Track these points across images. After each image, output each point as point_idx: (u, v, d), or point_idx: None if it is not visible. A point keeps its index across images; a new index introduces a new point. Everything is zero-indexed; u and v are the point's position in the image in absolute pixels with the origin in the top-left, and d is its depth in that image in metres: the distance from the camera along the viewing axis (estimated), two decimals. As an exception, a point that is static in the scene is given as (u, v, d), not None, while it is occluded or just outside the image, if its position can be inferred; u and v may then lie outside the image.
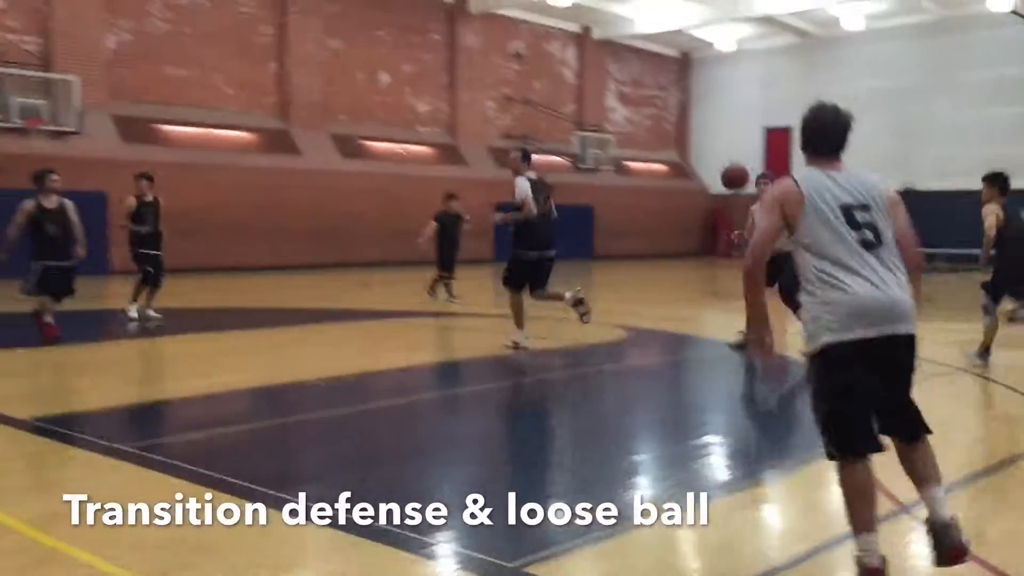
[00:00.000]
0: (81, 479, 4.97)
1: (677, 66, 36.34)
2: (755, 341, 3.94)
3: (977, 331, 9.21)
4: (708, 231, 35.14)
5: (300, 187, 23.29)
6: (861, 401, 3.52)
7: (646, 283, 21.77)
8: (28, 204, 10.00)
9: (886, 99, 31.13)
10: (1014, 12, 26.22)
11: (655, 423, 6.87)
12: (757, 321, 3.87)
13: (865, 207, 3.60)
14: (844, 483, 3.52)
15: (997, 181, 9.25)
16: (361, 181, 24.56)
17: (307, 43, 24.46)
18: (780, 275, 8.75)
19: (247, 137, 23.34)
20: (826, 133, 3.75)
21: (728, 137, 35.16)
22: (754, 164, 33.73)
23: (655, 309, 14.42)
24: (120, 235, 18.78)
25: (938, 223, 29.37)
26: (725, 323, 13.49)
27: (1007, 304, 11.29)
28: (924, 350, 3.96)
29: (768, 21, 30.43)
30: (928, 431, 3.66)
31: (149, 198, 12.08)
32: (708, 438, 6.32)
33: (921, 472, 3.62)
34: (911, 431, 3.64)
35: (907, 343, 3.63)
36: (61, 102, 19.25)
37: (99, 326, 12.54)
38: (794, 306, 7.84)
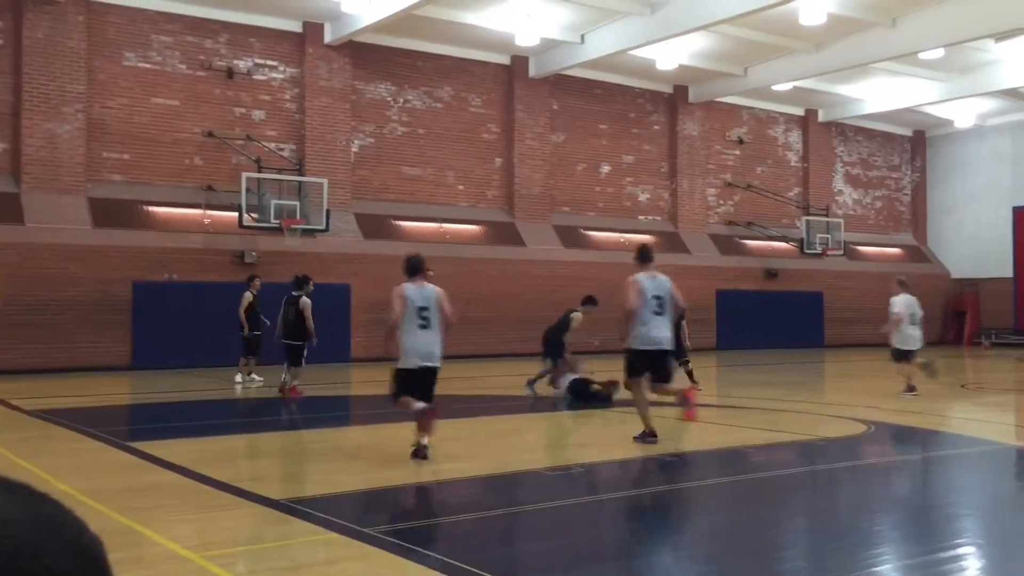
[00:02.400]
0: (334, 562, 5.23)
1: (910, 145, 34.70)
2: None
3: None
4: (950, 318, 32.78)
5: (524, 276, 23.96)
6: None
7: (883, 373, 20.50)
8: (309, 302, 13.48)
9: None
10: None
11: (899, 528, 6.38)
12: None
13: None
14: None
15: None
16: (582, 270, 24.95)
17: (531, 139, 25.42)
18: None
19: (475, 230, 24.37)
20: (414, 266, 8.40)
21: (972, 217, 32.99)
22: (1003, 244, 31.54)
23: (895, 401, 13.51)
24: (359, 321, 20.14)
25: None
26: (978, 418, 12.46)
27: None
28: None
29: (1013, 94, 28.54)
30: None
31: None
32: (962, 547, 5.78)
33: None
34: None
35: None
36: (311, 203, 20.96)
37: (336, 410, 13.28)
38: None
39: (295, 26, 22.04)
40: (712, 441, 10.51)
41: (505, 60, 25.03)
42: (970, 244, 32.86)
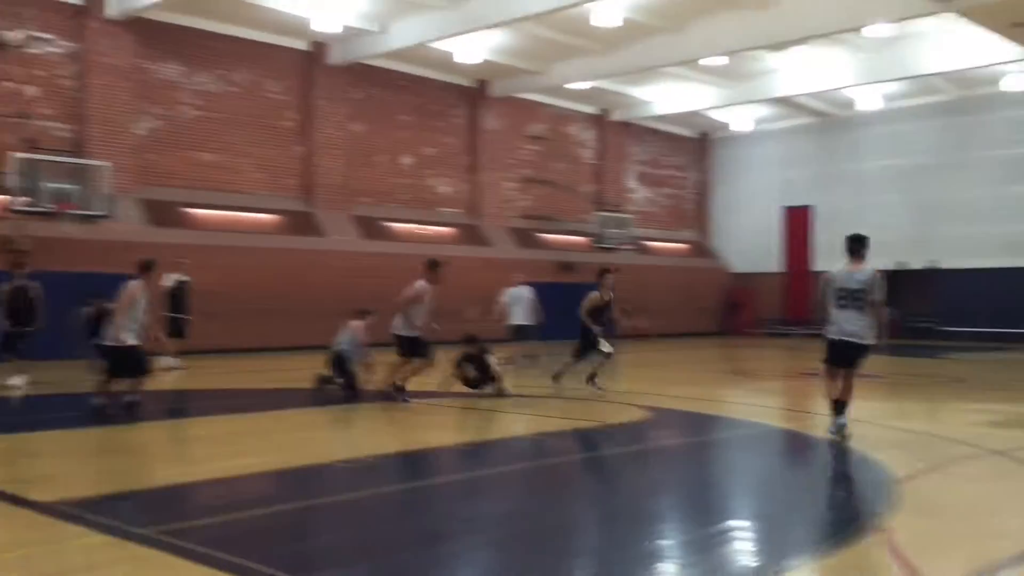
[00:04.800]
0: (102, 566, 4.94)
1: (696, 146, 36.75)
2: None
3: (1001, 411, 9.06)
4: (729, 310, 35.05)
5: (322, 268, 23.52)
6: None
7: (668, 362, 21.66)
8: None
9: (904, 177, 31.33)
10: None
11: (681, 506, 6.77)
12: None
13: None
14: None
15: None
16: (383, 262, 24.79)
17: (331, 127, 24.99)
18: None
19: (271, 219, 23.68)
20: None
21: (748, 216, 35.37)
22: (774, 242, 34.07)
23: (678, 389, 14.29)
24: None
25: (958, 302, 29.22)
26: (749, 402, 13.39)
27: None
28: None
29: (785, 102, 30.82)
30: None
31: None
32: (735, 522, 6.21)
33: None
34: None
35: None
36: (92, 187, 19.66)
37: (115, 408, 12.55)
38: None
39: (74, -3, 20.60)
40: (506, 430, 10.74)
41: (305, 46, 24.46)
42: (747, 241, 35.27)
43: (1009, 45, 21.68)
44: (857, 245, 9.04)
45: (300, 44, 24.37)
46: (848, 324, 8.82)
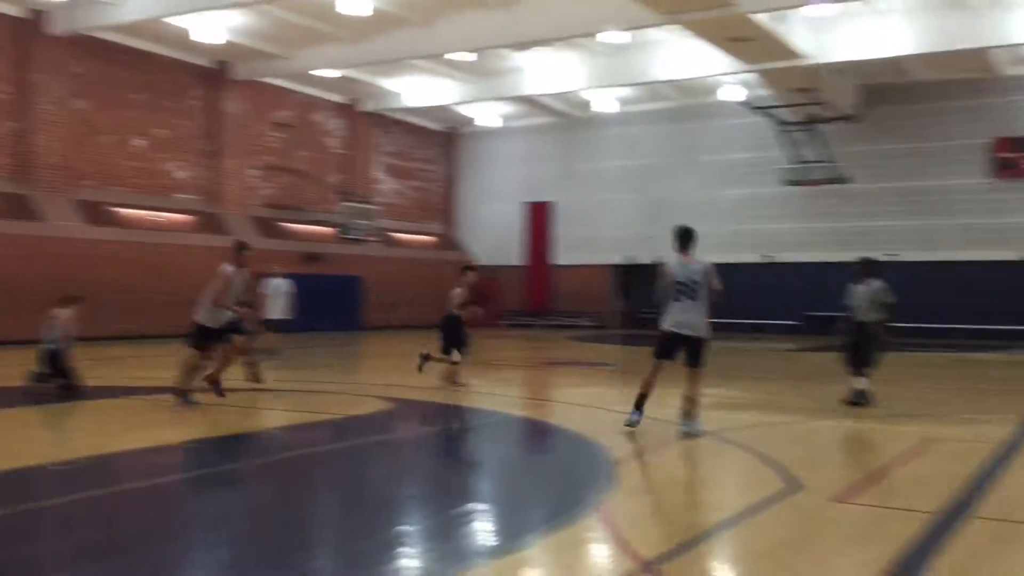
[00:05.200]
0: None
1: (444, 140, 37.23)
2: None
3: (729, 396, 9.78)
4: (475, 301, 35.79)
5: (40, 255, 21.60)
6: None
7: (412, 353, 21.77)
8: None
9: (636, 177, 33.42)
10: (743, 104, 29.06)
11: (414, 495, 6.80)
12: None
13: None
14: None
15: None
16: (110, 249, 23.18)
17: (49, 103, 22.96)
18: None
19: (-21, 201, 21.46)
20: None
21: (493, 209, 36.33)
22: (515, 235, 35.21)
23: (421, 379, 14.39)
24: None
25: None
26: (489, 392, 13.76)
27: None
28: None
29: (529, 101, 31.88)
30: None
31: None
32: (462, 508, 6.33)
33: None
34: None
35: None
36: None
37: None
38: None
39: None
40: (243, 425, 10.36)
41: (19, 12, 22.32)
42: (491, 234, 36.22)
43: (726, 58, 23.64)
44: (686, 238, 9.12)
45: (14, 10, 22.23)
46: (683, 316, 8.91)
